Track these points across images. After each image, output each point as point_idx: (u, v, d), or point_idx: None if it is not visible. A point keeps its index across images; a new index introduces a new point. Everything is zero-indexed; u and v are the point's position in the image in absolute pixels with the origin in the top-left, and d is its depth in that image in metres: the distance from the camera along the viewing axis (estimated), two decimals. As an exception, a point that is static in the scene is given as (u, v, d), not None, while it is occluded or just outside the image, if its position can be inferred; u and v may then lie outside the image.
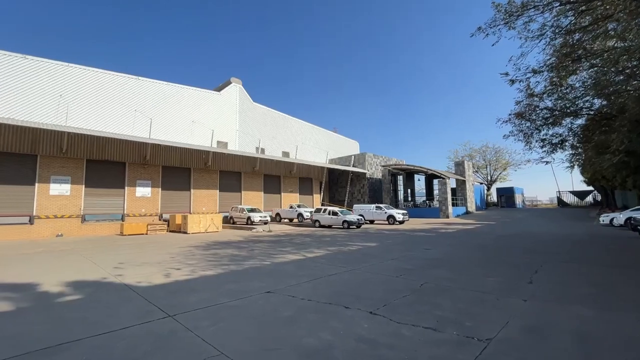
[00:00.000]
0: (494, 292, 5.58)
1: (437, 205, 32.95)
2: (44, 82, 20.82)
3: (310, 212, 25.44)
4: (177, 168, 24.29)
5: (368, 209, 26.33)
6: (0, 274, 7.64)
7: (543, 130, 14.52)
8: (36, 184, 18.32)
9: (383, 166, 35.65)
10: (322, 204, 33.91)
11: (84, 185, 19.90)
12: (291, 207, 27.46)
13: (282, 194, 31.94)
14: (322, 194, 35.85)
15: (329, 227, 22.69)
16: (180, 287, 6.24)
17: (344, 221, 21.63)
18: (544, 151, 15.08)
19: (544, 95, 13.34)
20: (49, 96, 20.85)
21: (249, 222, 23.14)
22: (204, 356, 3.28)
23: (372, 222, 26.21)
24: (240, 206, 25.20)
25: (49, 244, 14.80)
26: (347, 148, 45.18)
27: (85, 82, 22.59)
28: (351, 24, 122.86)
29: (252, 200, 28.83)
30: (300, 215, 26.00)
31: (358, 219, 21.89)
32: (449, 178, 31.74)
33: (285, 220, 27.43)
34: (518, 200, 48.61)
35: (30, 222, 17.87)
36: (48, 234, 18.24)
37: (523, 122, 14.47)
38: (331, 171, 36.88)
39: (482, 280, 6.50)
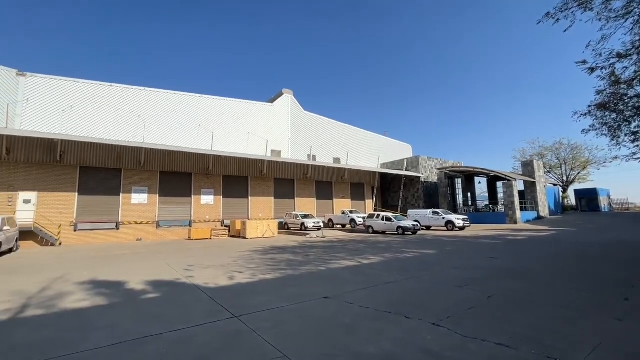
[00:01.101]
0: (579, 309, 4.91)
1: (503, 210, 30.17)
2: (126, 104, 23.99)
3: (363, 217, 25.15)
4: (236, 177, 25.96)
5: (424, 215, 25.23)
6: (96, 272, 8.89)
7: (634, 121, 12.49)
8: (121, 195, 21.05)
9: (439, 169, 33.87)
10: (375, 210, 33.31)
11: (158, 195, 22.31)
12: (343, 213, 27.44)
13: (334, 199, 32.12)
14: (374, 199, 35.26)
15: (383, 233, 22.17)
16: (243, 290, 6.61)
17: (399, 227, 20.98)
18: (636, 146, 12.96)
19: (634, 81, 11.48)
20: (129, 116, 23.93)
21: (303, 228, 23.66)
22: (268, 357, 3.42)
23: (428, 228, 25.01)
24: (294, 212, 25.93)
25: (131, 247, 16.81)
26: (399, 151, 43.93)
27: (157, 102, 25.51)
28: (404, 24, 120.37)
29: (305, 206, 29.48)
30: (352, 221, 25.83)
31: (413, 225, 21.07)
32: (515, 180, 28.95)
33: (338, 226, 27.48)
34: (603, 202, 42.38)
35: (117, 227, 20.53)
36: (130, 238, 20.76)
37: (607, 113, 12.61)
38: (383, 176, 36.14)
39: (563, 294, 5.77)
